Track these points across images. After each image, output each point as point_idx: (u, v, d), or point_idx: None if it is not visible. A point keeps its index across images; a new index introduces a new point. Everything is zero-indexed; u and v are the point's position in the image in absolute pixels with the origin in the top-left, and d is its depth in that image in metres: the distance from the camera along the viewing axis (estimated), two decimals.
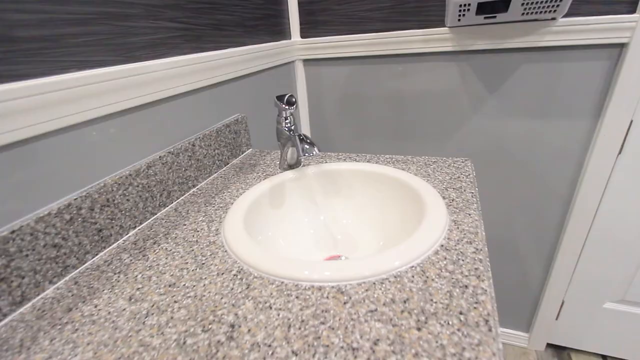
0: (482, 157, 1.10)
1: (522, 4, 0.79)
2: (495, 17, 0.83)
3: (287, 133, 0.68)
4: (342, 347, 0.33)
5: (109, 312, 0.40)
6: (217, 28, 0.77)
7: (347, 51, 1.08)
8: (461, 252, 0.45)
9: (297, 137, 0.63)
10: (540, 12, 0.80)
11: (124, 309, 0.41)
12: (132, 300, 0.42)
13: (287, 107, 0.67)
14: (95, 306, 0.42)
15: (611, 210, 1.03)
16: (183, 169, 0.67)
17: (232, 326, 0.37)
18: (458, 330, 0.34)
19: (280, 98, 0.68)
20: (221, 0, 0.77)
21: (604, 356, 1.30)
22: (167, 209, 0.63)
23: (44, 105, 0.43)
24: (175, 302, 0.41)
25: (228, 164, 0.82)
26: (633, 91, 0.86)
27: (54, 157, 0.47)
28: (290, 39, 1.11)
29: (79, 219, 0.48)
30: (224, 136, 0.79)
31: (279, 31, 1.05)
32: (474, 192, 0.60)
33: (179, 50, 0.67)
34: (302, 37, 1.12)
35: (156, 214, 0.61)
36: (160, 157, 0.62)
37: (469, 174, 0.67)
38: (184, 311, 0.39)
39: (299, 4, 1.08)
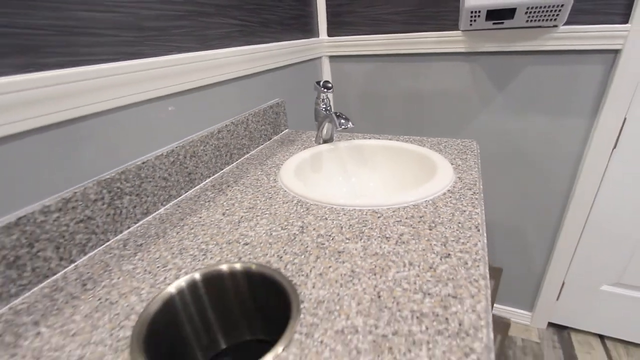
0: (488, 151, 1.30)
1: (526, 12, 1.00)
2: (502, 22, 1.04)
3: (324, 112, 0.89)
4: (378, 236, 0.53)
5: (211, 220, 0.61)
6: (264, 25, 0.98)
7: (369, 50, 1.30)
8: (462, 194, 0.65)
9: (334, 114, 0.84)
10: (543, 19, 1.01)
11: (221, 219, 0.61)
12: (225, 214, 0.63)
13: (324, 90, 0.88)
14: (200, 217, 0.62)
15: (607, 199, 1.22)
16: (240, 137, 0.88)
17: (302, 227, 0.57)
18: (457, 230, 0.54)
19: (318, 83, 0.89)
20: (267, 1, 0.99)
21: (601, 336, 1.47)
22: (230, 166, 0.84)
23: (154, 78, 0.65)
24: (257, 216, 0.62)
25: (271, 139, 1.03)
26: (626, 92, 1.06)
27: (166, 114, 0.68)
28: (318, 37, 1.33)
29: (178, 163, 0.70)
30: (267, 115, 1.00)
31: (309, 30, 1.27)
32: (476, 161, 0.80)
33: (237, 42, 0.88)
34: (328, 35, 1.34)
35: (223, 169, 0.82)
36: (225, 125, 0.83)
37: (474, 150, 0.87)
38: (265, 220, 0.60)
39: (327, 6, 1.29)
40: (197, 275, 0.47)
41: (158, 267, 0.50)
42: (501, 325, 0.63)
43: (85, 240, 0.54)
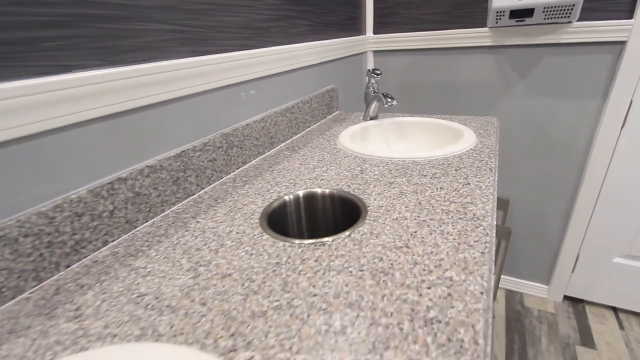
0: (510, 132, 1.44)
1: (543, 11, 1.14)
2: (524, 20, 1.19)
3: (372, 94, 1.08)
4: (418, 174, 0.72)
5: (293, 167, 0.82)
6: (327, 25, 1.18)
7: (408, 45, 1.47)
8: (481, 150, 0.83)
9: (381, 95, 1.02)
10: (558, 17, 1.14)
11: (300, 167, 0.82)
12: (302, 164, 0.83)
13: (374, 76, 1.07)
14: (283, 166, 0.84)
15: (617, 174, 1.33)
16: (305, 114, 1.09)
17: (361, 170, 0.77)
18: (475, 170, 0.72)
19: (370, 70, 1.09)
20: (331, 6, 1.19)
21: (614, 308, 1.57)
22: (298, 135, 1.06)
23: (260, 63, 0.86)
24: (326, 165, 0.82)
25: (326, 117, 1.23)
26: (632, 78, 1.18)
27: (229, 102, 0.89)
28: (365, 34, 1.52)
29: (265, 128, 0.91)
30: (325, 98, 1.21)
31: (359, 28, 1.46)
32: (495, 132, 0.97)
33: (309, 39, 1.09)
34: (374, 33, 1.52)
35: (293, 137, 1.04)
36: (296, 103, 1.04)
37: (494, 124, 1.03)
38: (332, 167, 0.80)
39: (374, 9, 1.48)
40: (300, 193, 0.68)
41: (263, 191, 0.72)
42: (504, 232, 0.77)
43: (210, 174, 0.76)
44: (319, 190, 0.69)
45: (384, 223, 0.56)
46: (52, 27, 0.48)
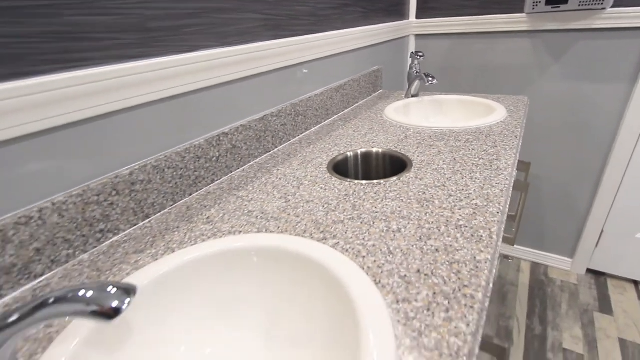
0: (542, 113, 1.51)
1: None
2: (559, 6, 1.25)
3: (415, 74, 1.20)
4: (454, 139, 0.85)
5: (347, 134, 0.97)
6: (375, 12, 1.30)
7: (449, 29, 1.55)
8: (510, 123, 0.94)
9: (423, 74, 1.15)
10: (592, 3, 1.20)
11: (353, 134, 0.97)
12: (355, 131, 0.99)
13: (417, 57, 1.19)
14: (339, 133, 0.99)
15: None
16: (354, 91, 1.23)
17: (405, 137, 0.91)
18: (503, 138, 0.84)
19: (414, 52, 1.20)
20: None
21: (635, 282, 1.64)
22: (348, 110, 1.20)
23: (319, 46, 1.01)
24: (375, 132, 0.97)
25: (371, 95, 1.37)
26: None
27: (297, 78, 1.05)
28: (408, 19, 1.62)
29: (323, 102, 1.07)
30: (371, 77, 1.34)
31: (403, 14, 1.56)
32: (525, 109, 1.07)
33: (361, 24, 1.22)
34: (416, 18, 1.62)
35: (344, 111, 1.19)
36: (347, 81, 1.18)
37: (524, 102, 1.13)
38: (381, 134, 0.95)
39: None
40: (359, 151, 0.84)
41: (325, 150, 0.88)
42: (522, 186, 0.88)
43: (282, 136, 0.93)
44: (373, 149, 0.84)
45: (425, 171, 0.71)
46: (186, 18, 0.65)
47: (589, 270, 1.73)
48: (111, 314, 0.29)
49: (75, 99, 0.50)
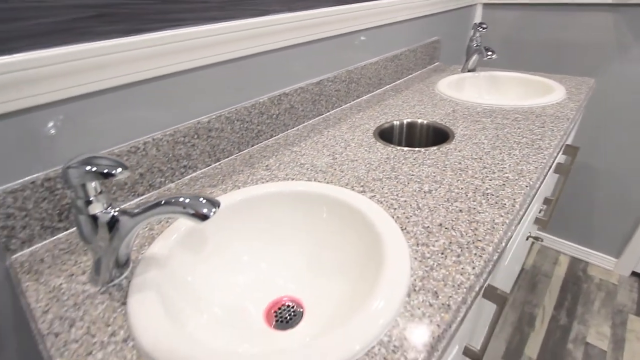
0: (612, 98, 1.40)
1: None
2: None
3: (475, 47, 1.18)
4: (501, 117, 0.87)
5: (396, 104, 1.02)
6: None
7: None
8: (566, 105, 0.92)
9: (483, 47, 1.13)
10: None
11: (402, 104, 1.02)
12: (404, 102, 1.03)
13: (480, 29, 1.17)
14: (388, 102, 1.04)
15: None
16: (410, 62, 1.25)
17: (453, 110, 0.94)
18: (554, 119, 0.84)
19: (476, 24, 1.18)
20: None
21: None
22: (400, 80, 1.23)
23: (354, 17, 1.04)
24: (425, 104, 1.00)
25: (426, 67, 1.37)
26: None
27: (354, 45, 1.08)
28: None
29: (377, 71, 1.11)
30: (428, 48, 1.34)
31: None
32: (587, 92, 1.03)
33: None
34: None
35: (396, 81, 1.22)
36: (403, 51, 1.20)
37: (589, 84, 1.08)
38: (429, 106, 0.98)
39: None
40: (405, 120, 0.89)
41: (374, 118, 0.94)
42: (564, 169, 0.87)
43: (335, 101, 1.00)
44: (418, 120, 0.89)
45: (465, 144, 0.75)
46: None
47: (634, 273, 1.65)
48: (202, 217, 0.41)
49: (176, 54, 0.61)
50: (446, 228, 0.50)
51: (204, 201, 0.41)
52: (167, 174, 0.66)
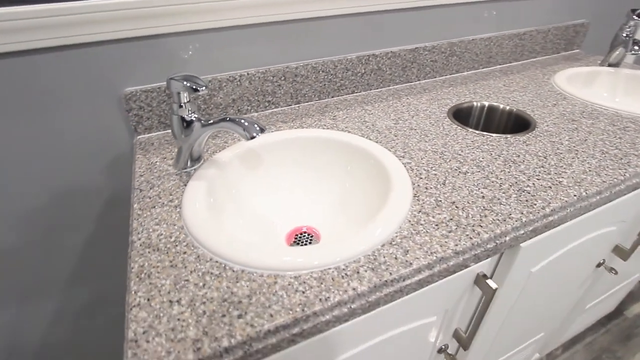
0: None
1: None
2: None
3: (623, 37, 0.95)
4: (608, 123, 0.73)
5: (495, 86, 0.93)
6: None
7: None
8: None
9: (632, 40, 0.91)
10: None
11: (500, 87, 0.92)
12: (504, 85, 0.93)
13: (636, 17, 0.93)
14: (487, 82, 0.95)
15: None
16: (535, 44, 1.08)
17: (555, 104, 0.82)
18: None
19: (633, 10, 0.94)
20: None
21: None
22: (516, 63, 1.09)
23: None
24: (525, 92, 0.89)
25: (559, 53, 1.16)
26: None
27: (465, 17, 0.97)
28: None
29: (494, 48, 1.00)
30: (566, 32, 1.12)
31: None
32: None
33: None
34: None
35: (512, 62, 1.08)
36: (530, 31, 1.04)
37: None
38: (531, 96, 0.87)
39: None
40: (486, 103, 0.83)
41: (460, 95, 0.88)
42: None
43: (428, 72, 0.97)
44: (501, 105, 0.81)
45: (539, 140, 0.67)
46: None
47: None
48: (251, 136, 0.51)
49: (290, 5, 0.69)
50: (456, 207, 0.50)
51: (256, 127, 0.51)
52: (253, 104, 0.79)
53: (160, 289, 0.40)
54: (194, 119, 0.56)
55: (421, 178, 0.57)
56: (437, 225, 0.47)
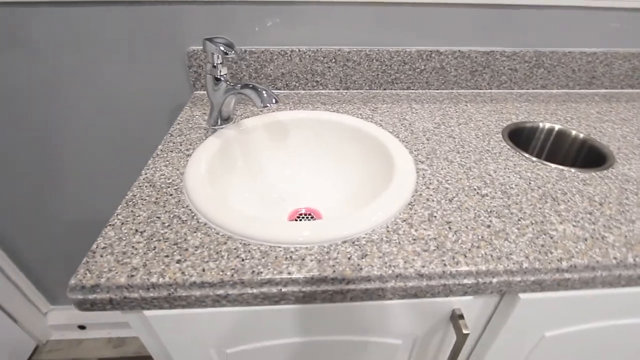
0: None
1: None
2: None
3: None
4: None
5: (586, 112, 0.75)
6: None
7: None
8: None
9: None
10: None
11: (592, 114, 0.73)
12: (601, 113, 0.74)
13: None
14: (572, 106, 0.77)
15: None
16: None
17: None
18: None
19: None
20: None
21: None
22: (628, 90, 0.86)
23: None
24: (619, 125, 0.69)
25: None
26: None
27: (570, 24, 0.77)
28: None
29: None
30: None
31: None
32: None
33: None
34: None
35: (624, 89, 0.86)
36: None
37: None
38: (625, 130, 0.68)
39: None
40: (556, 126, 0.68)
41: (532, 113, 0.73)
42: None
43: (504, 80, 0.82)
44: (573, 132, 0.65)
45: (607, 183, 0.52)
46: None
47: None
48: (265, 105, 0.51)
49: None
50: (449, 228, 0.42)
51: (273, 98, 0.51)
52: (301, 81, 0.78)
53: (135, 218, 0.43)
54: (223, 80, 0.57)
55: (428, 188, 0.49)
56: (414, 239, 0.40)
